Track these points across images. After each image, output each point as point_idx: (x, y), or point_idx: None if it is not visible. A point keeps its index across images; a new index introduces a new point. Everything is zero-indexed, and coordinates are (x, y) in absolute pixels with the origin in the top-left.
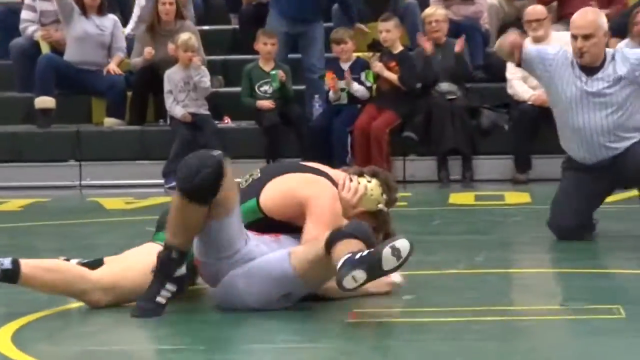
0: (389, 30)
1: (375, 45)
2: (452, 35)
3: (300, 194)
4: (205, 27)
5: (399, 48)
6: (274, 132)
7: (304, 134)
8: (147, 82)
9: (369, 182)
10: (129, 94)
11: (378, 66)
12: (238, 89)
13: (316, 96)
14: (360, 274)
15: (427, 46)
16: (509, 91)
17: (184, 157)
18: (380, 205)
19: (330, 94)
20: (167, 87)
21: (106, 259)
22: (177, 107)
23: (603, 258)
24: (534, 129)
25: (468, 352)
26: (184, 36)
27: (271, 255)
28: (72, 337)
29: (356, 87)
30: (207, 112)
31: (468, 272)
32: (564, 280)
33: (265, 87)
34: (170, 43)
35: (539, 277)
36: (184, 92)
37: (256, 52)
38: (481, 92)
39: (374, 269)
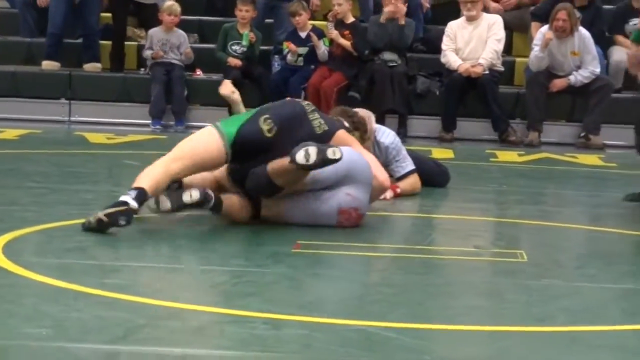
0: (340, 4)
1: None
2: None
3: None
4: None
5: (350, 19)
6: (235, 86)
7: (264, 88)
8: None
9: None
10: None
11: (334, 34)
12: (210, 46)
13: (276, 56)
14: (312, 149)
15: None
16: (442, 60)
17: (162, 99)
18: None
19: (289, 56)
20: (147, 44)
21: None
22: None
23: (513, 209)
24: (460, 95)
25: (393, 283)
26: (168, 2)
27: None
28: (55, 251)
29: (323, 48)
30: (179, 63)
31: (395, 214)
32: (479, 227)
33: (236, 47)
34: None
35: (457, 222)
36: (163, 50)
37: (228, 15)
38: (418, 61)
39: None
